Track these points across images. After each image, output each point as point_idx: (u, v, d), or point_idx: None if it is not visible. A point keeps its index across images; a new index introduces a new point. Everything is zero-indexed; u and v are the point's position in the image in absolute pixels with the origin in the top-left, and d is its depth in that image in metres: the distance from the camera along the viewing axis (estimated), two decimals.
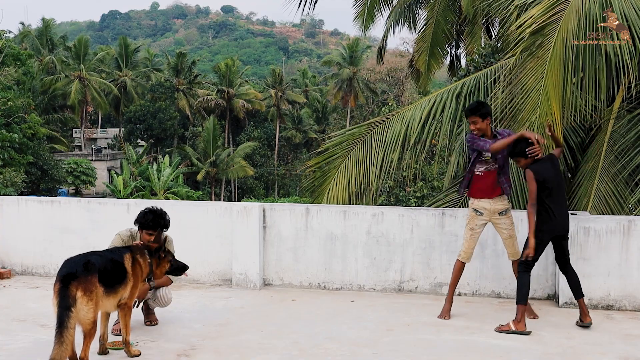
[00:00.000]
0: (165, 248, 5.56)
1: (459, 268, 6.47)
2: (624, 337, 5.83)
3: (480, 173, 6.33)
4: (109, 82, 62.23)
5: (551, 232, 5.97)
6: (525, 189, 8.47)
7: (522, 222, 6.98)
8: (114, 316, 5.82)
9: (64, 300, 4.56)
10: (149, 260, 5.36)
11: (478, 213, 6.35)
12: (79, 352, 4.79)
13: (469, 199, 6.53)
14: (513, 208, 8.50)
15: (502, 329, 5.85)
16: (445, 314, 6.36)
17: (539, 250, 5.98)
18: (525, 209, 8.22)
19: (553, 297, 7.03)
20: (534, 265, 6.01)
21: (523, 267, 5.97)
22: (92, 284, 4.70)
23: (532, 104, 7.54)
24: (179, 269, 5.63)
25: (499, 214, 6.34)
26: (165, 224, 5.71)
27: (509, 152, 6.13)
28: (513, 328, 5.80)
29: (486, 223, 6.42)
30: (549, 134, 6.17)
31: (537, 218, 5.91)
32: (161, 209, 5.78)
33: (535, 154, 5.98)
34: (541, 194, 5.89)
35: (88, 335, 4.72)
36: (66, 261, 4.83)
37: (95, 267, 4.78)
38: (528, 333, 5.77)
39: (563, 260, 6.16)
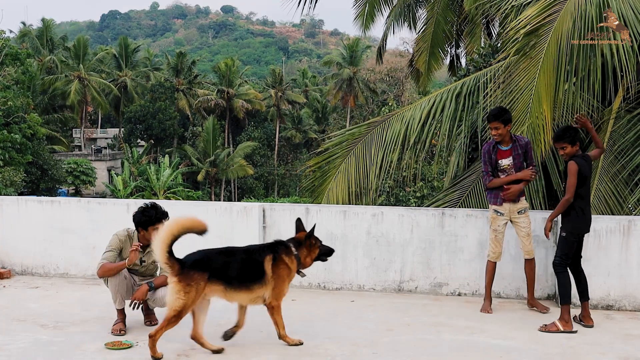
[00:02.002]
0: (313, 234, 5.54)
1: (491, 268, 6.67)
2: (624, 337, 5.83)
3: None
4: (109, 82, 62.23)
5: (581, 229, 5.97)
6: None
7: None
8: (113, 316, 5.83)
9: None
10: (295, 254, 5.39)
11: (499, 214, 6.57)
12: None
13: (489, 203, 6.68)
14: None
15: (549, 329, 5.84)
16: (486, 309, 6.54)
17: (573, 248, 5.97)
18: None
19: (553, 297, 7.02)
20: (569, 263, 5.99)
21: (561, 268, 5.95)
22: (193, 279, 4.93)
23: (524, 104, 7.56)
24: (326, 253, 5.64)
25: (517, 212, 6.55)
26: (165, 212, 5.86)
27: (555, 137, 6.08)
28: (561, 328, 5.81)
29: (507, 222, 6.60)
30: (578, 126, 6.18)
31: (569, 216, 5.94)
32: (153, 202, 5.92)
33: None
34: (578, 190, 5.87)
35: (166, 320, 4.95)
36: (193, 252, 5.15)
37: (208, 265, 5.03)
38: (575, 332, 5.81)
39: (576, 260, 6.14)
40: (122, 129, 64.07)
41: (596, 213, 7.90)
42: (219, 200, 55.28)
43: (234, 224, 7.55)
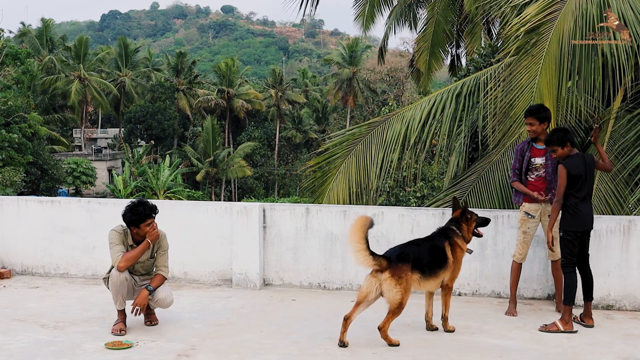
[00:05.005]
0: (467, 209, 5.85)
1: (515, 268, 6.63)
2: (624, 337, 5.83)
3: (532, 179, 6.52)
4: (109, 82, 62.20)
5: (576, 227, 5.94)
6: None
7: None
8: (113, 316, 5.83)
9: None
10: (461, 235, 5.75)
11: (530, 216, 6.52)
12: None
13: (518, 204, 6.66)
14: (500, 208, 8.52)
15: (549, 329, 5.84)
16: (512, 311, 6.48)
17: (574, 246, 5.96)
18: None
19: (553, 297, 7.02)
20: (575, 262, 5.99)
21: (568, 269, 5.95)
22: (402, 271, 5.30)
23: (525, 101, 7.57)
24: (483, 223, 5.98)
25: (548, 215, 6.44)
26: (154, 206, 5.86)
27: (546, 140, 6.09)
28: (561, 328, 5.82)
29: (538, 224, 6.55)
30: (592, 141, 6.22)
31: (562, 215, 5.97)
32: (140, 199, 5.95)
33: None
34: (570, 189, 5.89)
35: (391, 312, 5.34)
36: (389, 249, 5.52)
37: (409, 257, 5.37)
38: (575, 332, 5.82)
39: (583, 259, 6.11)
40: (122, 129, 64.06)
41: (596, 213, 7.86)
42: (219, 200, 55.30)
43: (234, 224, 7.54)
